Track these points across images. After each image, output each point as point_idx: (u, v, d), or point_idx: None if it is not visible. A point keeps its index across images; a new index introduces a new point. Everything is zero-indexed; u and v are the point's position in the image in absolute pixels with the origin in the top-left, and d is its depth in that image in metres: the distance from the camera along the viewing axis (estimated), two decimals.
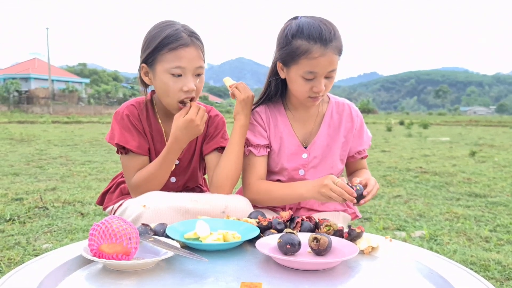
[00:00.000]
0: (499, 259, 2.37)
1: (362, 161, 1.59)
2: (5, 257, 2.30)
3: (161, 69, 1.32)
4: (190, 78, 1.33)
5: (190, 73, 1.33)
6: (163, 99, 1.39)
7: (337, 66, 1.34)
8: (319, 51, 1.28)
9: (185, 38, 1.31)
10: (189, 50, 1.31)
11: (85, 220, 3.10)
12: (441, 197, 4.16)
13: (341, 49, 1.33)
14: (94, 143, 9.45)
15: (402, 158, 7.32)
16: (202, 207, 1.26)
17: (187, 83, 1.32)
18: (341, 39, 1.34)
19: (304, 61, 1.30)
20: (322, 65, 1.30)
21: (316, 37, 1.28)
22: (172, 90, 1.33)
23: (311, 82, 1.34)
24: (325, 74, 1.32)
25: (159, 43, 1.31)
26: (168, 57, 1.30)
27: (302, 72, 1.32)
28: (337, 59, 1.33)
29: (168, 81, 1.32)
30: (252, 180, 1.45)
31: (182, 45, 1.30)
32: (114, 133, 1.40)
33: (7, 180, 4.65)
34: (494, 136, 15.01)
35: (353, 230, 1.06)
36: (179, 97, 1.34)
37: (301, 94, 1.38)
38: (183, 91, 1.32)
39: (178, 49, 1.30)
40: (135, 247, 0.90)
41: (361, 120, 1.55)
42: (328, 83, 1.35)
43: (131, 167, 1.40)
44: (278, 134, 1.50)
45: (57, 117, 26.81)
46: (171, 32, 1.31)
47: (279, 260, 0.92)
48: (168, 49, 1.30)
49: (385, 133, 15.55)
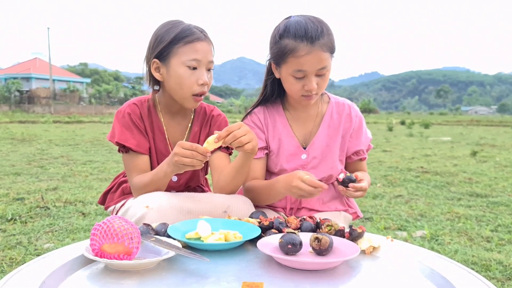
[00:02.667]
0: (501, 259, 2.37)
1: (361, 163, 1.56)
2: (7, 257, 2.30)
3: (177, 62, 1.34)
4: (204, 71, 1.36)
5: (204, 66, 1.36)
6: (176, 93, 1.39)
7: (329, 63, 1.33)
8: (306, 49, 1.29)
9: (198, 33, 1.36)
10: (203, 44, 1.36)
11: (86, 219, 3.10)
12: (442, 197, 4.15)
13: (331, 47, 1.32)
14: (95, 143, 9.46)
15: (403, 158, 7.31)
16: (203, 207, 1.27)
17: (202, 76, 1.35)
18: (331, 36, 1.33)
19: (292, 59, 1.31)
20: (310, 63, 1.30)
21: (302, 35, 1.29)
22: (187, 83, 1.35)
23: (302, 81, 1.34)
24: (315, 72, 1.32)
25: (175, 37, 1.34)
26: (184, 49, 1.33)
27: (292, 71, 1.33)
28: (326, 56, 1.31)
29: (184, 74, 1.34)
30: (246, 181, 1.46)
31: (198, 38, 1.34)
32: (115, 131, 1.41)
33: (9, 180, 4.66)
34: (495, 136, 14.99)
35: (354, 230, 1.06)
36: (194, 90, 1.36)
37: (294, 93, 1.39)
38: (198, 84, 1.35)
39: (194, 42, 1.34)
40: (136, 247, 0.90)
41: (360, 121, 1.53)
42: (321, 81, 1.35)
43: (131, 165, 1.40)
44: (277, 135, 1.50)
45: (58, 117, 26.84)
46: (185, 27, 1.36)
47: (281, 260, 0.92)
48: (184, 42, 1.33)
49: (386, 133, 15.54)
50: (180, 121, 1.50)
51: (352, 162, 1.55)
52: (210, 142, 1.18)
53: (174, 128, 1.49)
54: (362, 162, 1.56)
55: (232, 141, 1.18)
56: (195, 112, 1.53)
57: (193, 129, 1.51)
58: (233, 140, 1.18)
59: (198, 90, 1.36)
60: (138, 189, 1.36)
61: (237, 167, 1.34)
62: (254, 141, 1.22)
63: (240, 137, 1.19)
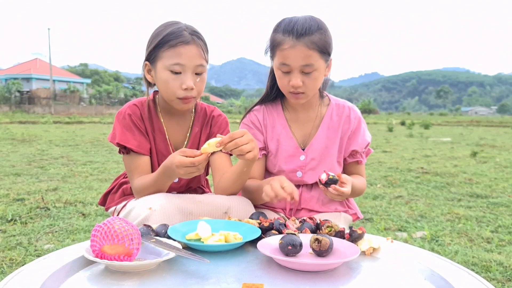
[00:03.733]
0: (501, 260, 2.37)
1: (357, 166, 1.53)
2: (7, 258, 2.30)
3: (161, 66, 1.34)
4: (189, 76, 1.33)
5: (190, 71, 1.33)
6: (164, 96, 1.40)
7: (316, 62, 1.33)
8: (290, 43, 1.32)
9: (186, 36, 1.32)
10: (189, 48, 1.32)
11: (86, 220, 3.10)
12: (442, 198, 4.15)
13: (321, 46, 1.33)
14: (95, 144, 9.46)
15: (403, 158, 7.31)
16: (204, 208, 1.28)
17: (186, 80, 1.32)
18: (324, 37, 1.33)
19: (278, 52, 1.36)
20: (293, 57, 1.32)
21: (289, 30, 1.32)
22: (171, 87, 1.33)
23: (288, 76, 1.37)
24: (298, 68, 1.33)
25: (160, 40, 1.33)
26: (167, 54, 1.32)
27: (278, 64, 1.37)
28: (312, 54, 1.32)
29: (167, 78, 1.33)
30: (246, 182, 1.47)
31: (182, 42, 1.31)
32: (115, 132, 1.41)
33: (9, 181, 4.66)
34: (495, 136, 14.99)
35: (354, 231, 1.06)
36: (178, 95, 1.34)
37: (282, 89, 1.42)
38: (182, 89, 1.33)
39: (177, 46, 1.31)
40: (137, 248, 0.90)
41: (359, 122, 1.51)
42: (307, 80, 1.35)
43: (133, 166, 1.41)
44: (276, 136, 1.50)
45: (59, 117, 26.85)
46: (173, 30, 1.33)
47: (281, 261, 0.92)
48: (168, 46, 1.32)
49: (386, 134, 15.54)
50: (180, 122, 1.50)
51: (348, 165, 1.54)
52: (211, 145, 1.16)
53: (174, 129, 1.49)
54: (359, 166, 1.54)
55: (233, 148, 1.17)
56: (196, 112, 1.53)
57: (193, 130, 1.51)
58: (234, 147, 1.17)
59: (182, 95, 1.34)
60: (140, 191, 1.36)
61: (237, 172, 1.34)
62: (255, 150, 1.22)
63: (242, 145, 1.18)
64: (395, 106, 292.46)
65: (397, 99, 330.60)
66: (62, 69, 69.62)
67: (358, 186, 1.44)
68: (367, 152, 1.54)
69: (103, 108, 41.62)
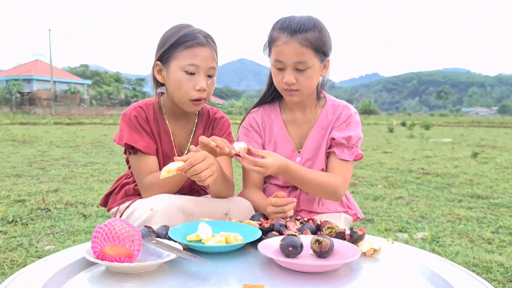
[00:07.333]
0: (502, 261, 2.37)
1: (333, 160, 1.44)
2: (8, 259, 2.31)
3: (175, 66, 1.35)
4: (202, 77, 1.36)
5: (203, 72, 1.36)
6: (175, 97, 1.40)
7: (310, 60, 1.34)
8: (284, 40, 1.33)
9: (201, 38, 1.36)
10: (204, 50, 1.35)
11: (87, 221, 3.10)
12: (443, 199, 4.15)
13: (316, 45, 1.33)
14: (96, 145, 9.46)
15: (404, 159, 7.31)
16: (205, 209, 1.29)
17: (200, 81, 1.35)
18: (321, 36, 1.34)
19: (273, 49, 1.37)
20: (286, 54, 1.33)
21: (284, 27, 1.34)
22: (184, 87, 1.35)
23: (282, 73, 1.37)
24: (291, 64, 1.34)
25: (176, 40, 1.35)
26: (183, 54, 1.34)
27: (273, 61, 1.38)
28: (306, 51, 1.32)
29: (181, 79, 1.35)
30: (246, 189, 1.49)
31: (198, 44, 1.34)
32: (122, 134, 1.42)
33: (10, 182, 4.66)
34: (496, 137, 14.98)
35: (355, 232, 1.06)
36: (191, 95, 1.36)
37: (277, 86, 1.43)
38: (195, 89, 1.35)
39: (193, 47, 1.34)
40: (138, 249, 0.90)
41: (348, 117, 1.46)
42: (301, 78, 1.36)
43: (141, 167, 1.41)
44: (273, 138, 1.51)
45: (59, 118, 26.88)
46: (188, 31, 1.36)
47: (281, 262, 0.93)
48: (184, 46, 1.34)
49: (387, 134, 15.53)
50: (184, 125, 1.51)
51: (328, 158, 1.47)
52: (172, 171, 1.14)
53: (179, 132, 1.50)
54: (335, 160, 1.43)
55: (191, 174, 1.17)
56: (199, 115, 1.54)
57: (197, 133, 1.52)
58: (193, 174, 1.17)
59: (195, 96, 1.36)
60: (149, 188, 1.36)
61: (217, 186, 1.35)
62: (214, 175, 1.21)
63: (201, 172, 1.17)
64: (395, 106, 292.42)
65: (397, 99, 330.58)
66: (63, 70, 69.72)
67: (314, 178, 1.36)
68: (354, 151, 1.44)
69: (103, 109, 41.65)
